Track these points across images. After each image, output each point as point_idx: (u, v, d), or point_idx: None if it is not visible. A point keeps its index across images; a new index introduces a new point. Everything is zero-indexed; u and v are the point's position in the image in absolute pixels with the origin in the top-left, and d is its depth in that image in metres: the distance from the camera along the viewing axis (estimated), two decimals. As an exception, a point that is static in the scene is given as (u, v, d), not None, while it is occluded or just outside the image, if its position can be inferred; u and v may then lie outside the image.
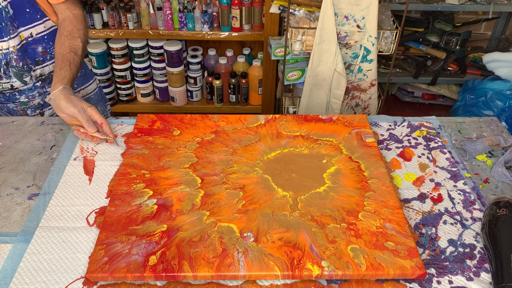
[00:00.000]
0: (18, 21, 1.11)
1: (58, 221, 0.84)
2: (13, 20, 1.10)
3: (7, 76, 1.13)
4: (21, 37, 1.12)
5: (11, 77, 1.14)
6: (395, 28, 1.83)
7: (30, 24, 1.14)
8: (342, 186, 0.90)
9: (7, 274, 0.74)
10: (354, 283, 0.74)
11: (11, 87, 1.15)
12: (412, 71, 2.54)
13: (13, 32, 1.10)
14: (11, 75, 1.13)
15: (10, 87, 1.15)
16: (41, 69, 1.19)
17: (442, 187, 0.94)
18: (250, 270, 0.73)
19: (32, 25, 1.14)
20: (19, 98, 1.19)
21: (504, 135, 1.09)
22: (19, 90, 1.17)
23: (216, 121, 1.08)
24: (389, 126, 1.12)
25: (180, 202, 0.86)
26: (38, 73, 1.19)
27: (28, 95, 1.19)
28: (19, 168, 0.97)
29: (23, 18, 1.12)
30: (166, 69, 2.38)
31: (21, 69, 1.13)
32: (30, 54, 1.16)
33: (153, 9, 2.16)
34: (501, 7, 2.31)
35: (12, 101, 1.19)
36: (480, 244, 0.81)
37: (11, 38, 1.10)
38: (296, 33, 1.79)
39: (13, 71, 1.13)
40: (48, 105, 1.25)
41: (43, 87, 1.21)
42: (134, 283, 0.73)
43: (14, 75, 1.13)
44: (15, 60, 1.12)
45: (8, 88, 1.15)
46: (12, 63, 1.12)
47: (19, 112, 1.22)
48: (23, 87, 1.17)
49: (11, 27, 1.09)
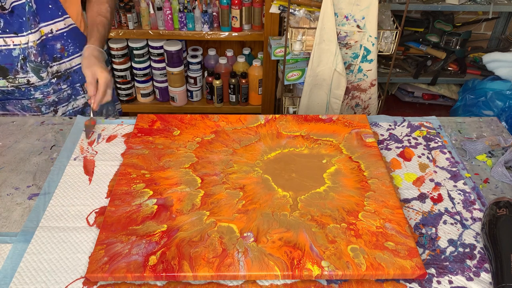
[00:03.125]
0: (40, 17, 1.13)
1: (58, 221, 0.84)
2: (35, 15, 1.11)
3: (24, 71, 1.15)
4: (41, 32, 1.14)
5: (28, 72, 1.15)
6: (395, 28, 1.83)
7: (51, 20, 1.15)
8: (342, 186, 0.90)
9: (7, 274, 0.74)
10: (354, 283, 0.74)
11: (27, 82, 1.17)
12: (412, 71, 2.54)
13: (34, 27, 1.11)
14: (28, 70, 1.15)
15: (26, 82, 1.17)
16: (58, 65, 1.21)
17: (442, 187, 0.94)
18: (250, 270, 0.73)
19: (53, 21, 1.16)
20: (34, 94, 1.20)
21: (504, 135, 1.09)
22: (35, 85, 1.18)
23: (216, 121, 1.08)
24: (389, 126, 1.12)
25: (180, 202, 0.86)
26: (54, 70, 1.21)
27: (43, 91, 1.20)
28: (19, 168, 0.97)
29: (45, 14, 1.14)
30: (166, 69, 2.38)
31: (38, 64, 1.15)
32: (48, 50, 1.18)
33: (153, 9, 2.16)
34: (501, 7, 2.31)
35: (27, 97, 1.20)
36: (480, 244, 0.81)
37: (31, 33, 1.11)
38: (296, 33, 1.79)
39: (30, 66, 1.14)
40: (62, 102, 1.26)
41: (58, 84, 1.23)
42: (134, 283, 0.73)
43: (32, 70, 1.15)
44: (33, 55, 1.14)
45: (24, 83, 1.17)
46: (31, 57, 1.14)
47: (33, 109, 1.23)
48: (39, 82, 1.18)
49: (33, 21, 1.11)
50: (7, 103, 1.21)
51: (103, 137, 1.06)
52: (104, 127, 1.09)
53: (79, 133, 1.07)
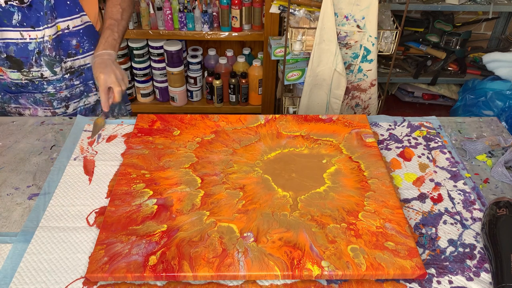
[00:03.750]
0: (58, 12, 1.14)
1: (58, 221, 0.84)
2: (53, 10, 1.12)
3: (38, 65, 1.16)
4: (58, 27, 1.15)
5: (42, 66, 1.16)
6: (395, 28, 1.83)
7: (68, 17, 1.17)
8: (342, 186, 0.90)
9: (7, 274, 0.74)
10: (354, 283, 0.74)
11: (41, 76, 1.18)
12: (412, 71, 2.54)
13: (51, 22, 1.12)
14: (42, 64, 1.16)
15: (40, 75, 1.18)
16: (72, 61, 1.22)
17: (442, 187, 0.94)
18: (250, 270, 0.73)
19: (70, 18, 1.17)
20: (46, 88, 1.21)
21: (504, 135, 1.09)
22: (48, 80, 1.20)
23: (216, 121, 1.08)
24: (389, 126, 1.12)
25: (180, 202, 0.86)
26: (68, 65, 1.22)
27: (56, 86, 1.21)
28: (19, 168, 0.97)
29: (62, 9, 1.15)
30: (166, 69, 2.38)
31: (53, 59, 1.17)
32: (64, 46, 1.19)
33: (153, 9, 2.16)
34: (501, 7, 2.31)
35: (39, 91, 1.21)
36: (480, 244, 0.81)
37: (48, 27, 1.12)
38: (296, 33, 1.79)
39: (45, 60, 1.16)
40: (74, 98, 1.27)
41: (71, 80, 1.24)
42: (134, 283, 0.73)
43: (46, 64, 1.16)
44: (48, 50, 1.15)
45: (38, 76, 1.18)
46: (46, 52, 1.15)
47: (45, 103, 1.24)
48: (52, 77, 1.19)
49: (50, 16, 1.12)
50: (20, 96, 1.22)
51: (103, 137, 1.06)
52: (104, 127, 1.09)
53: (79, 133, 1.07)
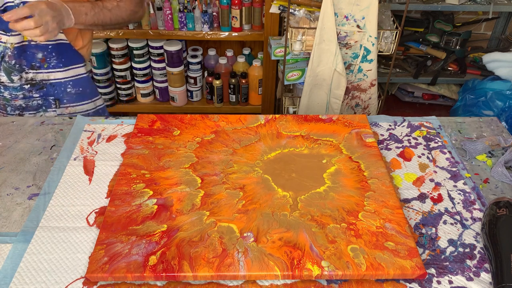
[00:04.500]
0: None
1: (58, 221, 0.84)
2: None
3: None
4: (24, 37, 1.15)
5: (0, 70, 1.18)
6: (395, 28, 1.83)
7: None
8: (342, 186, 0.90)
9: (7, 274, 0.74)
10: (354, 283, 0.74)
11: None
12: (412, 71, 2.54)
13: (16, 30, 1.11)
14: (1, 69, 1.18)
15: None
16: (34, 74, 1.21)
17: (442, 187, 0.94)
18: (250, 270, 0.73)
19: None
20: (3, 92, 1.23)
21: (504, 135, 1.09)
22: (5, 85, 1.21)
23: (216, 121, 1.08)
24: (389, 126, 1.12)
25: (180, 202, 0.86)
26: (30, 77, 1.21)
27: (12, 93, 1.22)
28: (19, 168, 0.97)
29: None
30: (166, 69, 2.38)
31: (12, 67, 1.17)
32: (28, 56, 1.18)
33: (153, 9, 2.16)
34: (501, 7, 2.31)
35: None
36: (480, 244, 0.81)
37: (13, 35, 1.13)
38: (296, 33, 1.79)
39: (3, 66, 1.17)
40: (30, 109, 1.26)
41: (30, 91, 1.23)
42: (134, 283, 0.73)
43: (3, 69, 1.18)
44: (8, 57, 1.17)
45: None
46: (5, 58, 1.17)
47: (0, 106, 1.26)
48: (9, 84, 1.21)
49: None
50: None
51: (103, 137, 1.06)
52: (104, 127, 1.09)
53: (79, 133, 1.07)
